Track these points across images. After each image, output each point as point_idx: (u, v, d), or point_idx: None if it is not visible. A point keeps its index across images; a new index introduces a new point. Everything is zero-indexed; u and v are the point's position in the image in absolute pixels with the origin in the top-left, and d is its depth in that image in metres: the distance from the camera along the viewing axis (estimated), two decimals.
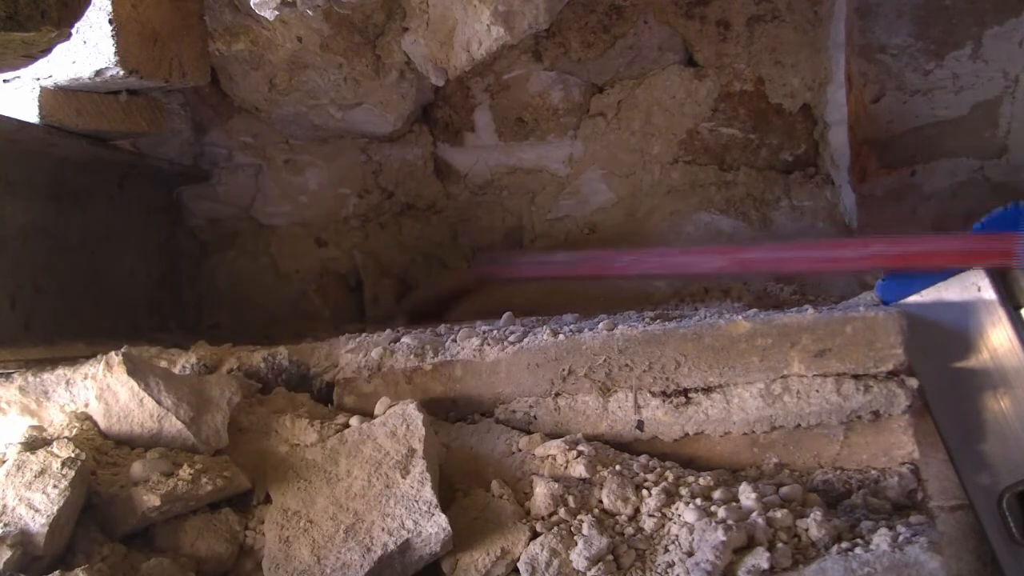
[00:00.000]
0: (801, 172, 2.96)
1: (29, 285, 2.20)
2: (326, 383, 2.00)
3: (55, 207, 2.33)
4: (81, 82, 2.28)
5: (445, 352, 1.94)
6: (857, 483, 1.76)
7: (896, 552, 1.50)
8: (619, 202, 3.02)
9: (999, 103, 2.76)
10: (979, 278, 1.90)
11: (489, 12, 2.35)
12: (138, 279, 2.71)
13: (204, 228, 3.05)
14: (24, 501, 1.55)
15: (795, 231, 2.85)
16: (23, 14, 1.47)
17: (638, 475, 1.72)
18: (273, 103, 2.80)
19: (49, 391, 1.95)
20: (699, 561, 1.49)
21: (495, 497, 1.69)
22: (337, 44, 2.63)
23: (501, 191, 3.07)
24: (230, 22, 2.59)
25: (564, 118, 3.00)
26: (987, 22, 2.70)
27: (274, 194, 3.03)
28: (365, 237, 3.06)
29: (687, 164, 2.99)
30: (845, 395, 1.78)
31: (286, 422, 1.85)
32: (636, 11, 2.90)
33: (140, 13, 2.28)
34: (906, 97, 2.75)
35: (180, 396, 1.77)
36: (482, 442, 1.84)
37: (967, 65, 2.74)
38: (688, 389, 1.84)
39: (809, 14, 2.87)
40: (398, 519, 1.59)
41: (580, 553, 1.54)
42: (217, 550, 1.63)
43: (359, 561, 1.55)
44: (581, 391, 1.87)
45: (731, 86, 2.93)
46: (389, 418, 1.77)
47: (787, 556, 1.52)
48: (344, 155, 3.03)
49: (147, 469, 1.65)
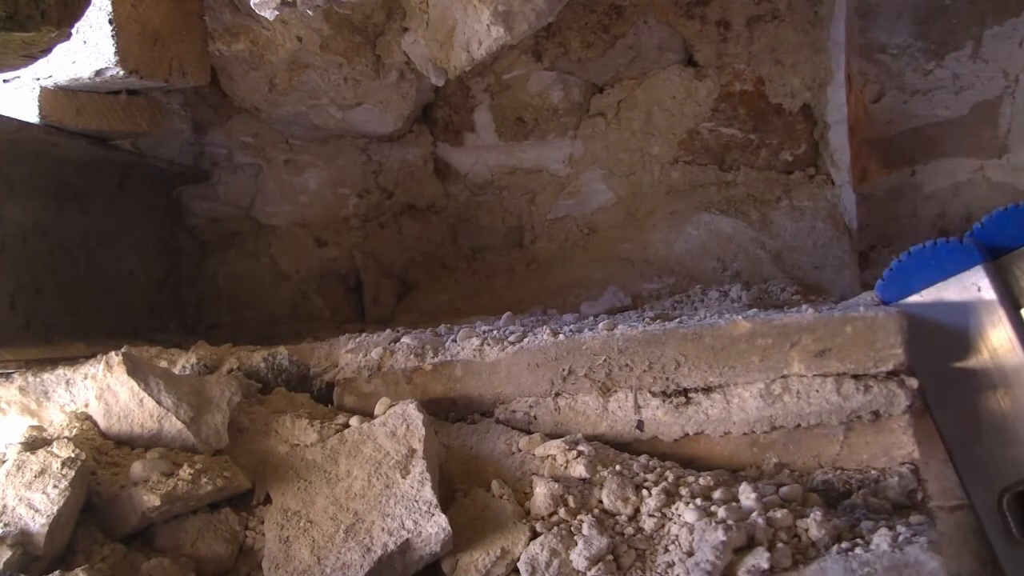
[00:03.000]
0: (801, 172, 2.96)
1: (29, 285, 2.19)
2: (326, 383, 2.00)
3: (55, 207, 2.33)
4: (81, 82, 2.28)
5: (445, 352, 1.94)
6: (857, 483, 1.76)
7: (896, 552, 1.50)
8: (619, 202, 3.02)
9: (999, 103, 2.76)
10: (979, 278, 1.90)
11: (489, 12, 2.35)
12: (138, 279, 2.71)
13: (204, 228, 3.05)
14: (24, 501, 1.55)
15: (795, 231, 2.85)
16: (23, 14, 1.47)
17: (638, 475, 1.72)
18: (273, 103, 2.80)
19: (49, 391, 1.95)
20: (699, 561, 1.49)
21: (495, 497, 1.69)
22: (337, 44, 2.63)
23: (501, 191, 3.07)
24: (230, 22, 2.59)
25: (564, 118, 3.00)
26: (987, 22, 2.71)
27: (274, 194, 3.04)
28: (365, 237, 3.06)
29: (687, 164, 2.99)
30: (845, 395, 1.78)
31: (286, 422, 1.85)
32: (636, 11, 2.90)
33: (140, 13, 2.28)
34: (906, 97, 2.76)
35: (180, 396, 1.77)
36: (482, 442, 1.84)
37: (967, 65, 2.74)
38: (688, 389, 1.84)
39: (809, 14, 2.87)
40: (398, 519, 1.59)
41: (580, 553, 1.54)
42: (217, 550, 1.63)
43: (359, 561, 1.55)
44: (581, 391, 1.87)
45: (731, 86, 2.94)
46: (389, 418, 1.77)
47: (787, 556, 1.52)
48: (344, 155, 3.03)
49: (147, 469, 1.65)
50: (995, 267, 1.91)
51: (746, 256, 2.81)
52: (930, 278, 1.94)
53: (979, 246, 1.92)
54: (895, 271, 1.97)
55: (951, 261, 1.92)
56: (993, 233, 1.95)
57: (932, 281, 1.94)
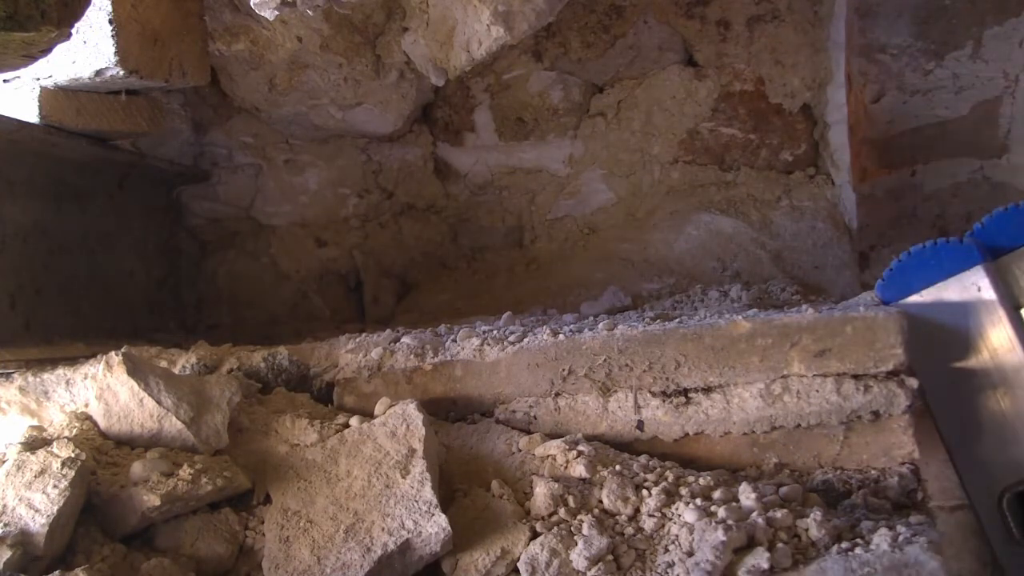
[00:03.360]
0: (801, 172, 2.96)
1: (29, 285, 2.19)
2: (326, 383, 2.00)
3: (55, 207, 2.33)
4: (81, 82, 2.28)
5: (445, 352, 1.94)
6: (857, 483, 1.76)
7: (896, 552, 1.50)
8: (619, 202, 3.02)
9: (999, 103, 2.76)
10: (979, 278, 1.90)
11: (489, 12, 2.35)
12: (138, 279, 2.71)
13: (204, 228, 3.05)
14: (24, 501, 1.55)
15: (795, 231, 2.85)
16: (23, 14, 1.47)
17: (638, 475, 1.72)
18: (273, 103, 2.80)
19: (49, 391, 1.95)
20: (699, 561, 1.49)
21: (495, 497, 1.69)
22: (337, 44, 2.63)
23: (501, 191, 3.07)
24: (230, 22, 2.59)
25: (564, 118, 3.00)
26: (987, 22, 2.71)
27: (274, 194, 3.04)
28: (365, 237, 3.06)
29: (687, 164, 2.99)
30: (845, 395, 1.78)
31: (286, 422, 1.85)
32: (636, 11, 2.90)
33: (140, 13, 2.28)
34: (906, 97, 2.76)
35: (180, 396, 1.77)
36: (482, 442, 1.84)
37: (967, 65, 2.74)
38: (688, 389, 1.84)
39: (809, 14, 2.87)
40: (398, 519, 1.59)
41: (580, 553, 1.54)
42: (217, 550, 1.63)
43: (359, 561, 1.55)
44: (581, 391, 1.86)
45: (731, 86, 2.94)
46: (389, 418, 1.77)
47: (787, 556, 1.52)
48: (344, 155, 3.03)
49: (147, 469, 1.65)
50: (995, 267, 1.91)
51: (746, 256, 2.81)
52: (930, 278, 1.94)
53: (979, 246, 1.92)
54: (895, 271, 1.97)
55: (951, 261, 1.92)
56: (993, 233, 1.95)
57: (932, 281, 1.93)
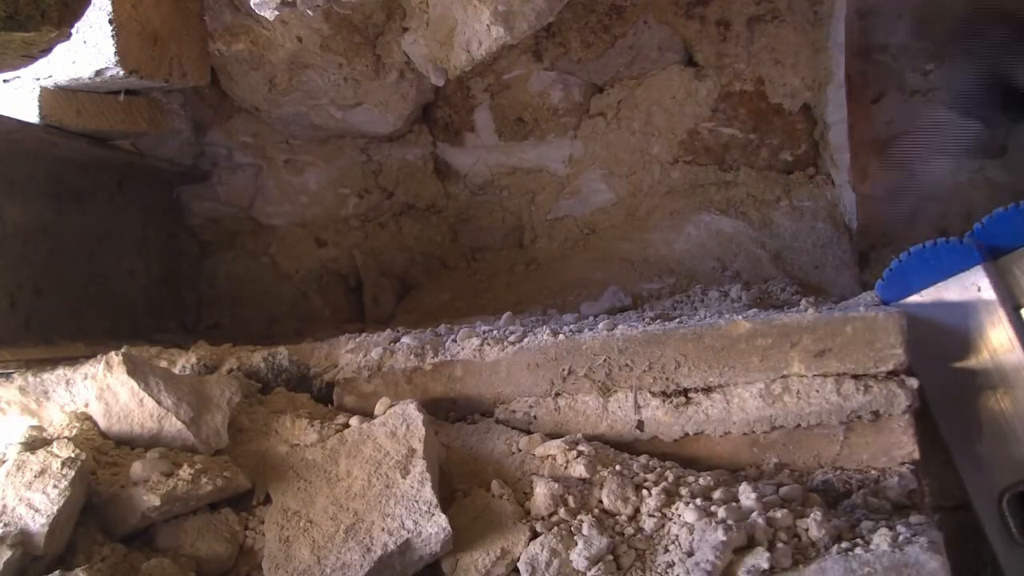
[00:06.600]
0: (801, 172, 2.96)
1: (29, 285, 2.19)
2: (326, 383, 2.00)
3: (55, 207, 2.33)
4: (81, 82, 2.28)
5: (445, 352, 1.94)
6: (857, 483, 1.76)
7: (896, 552, 1.50)
8: (619, 202, 3.02)
9: None
10: (979, 278, 1.90)
11: (489, 12, 2.35)
12: (138, 279, 2.71)
13: (204, 228, 3.04)
14: (24, 501, 1.55)
15: (795, 231, 2.85)
16: (23, 14, 1.47)
17: (638, 475, 1.72)
18: (273, 103, 2.80)
19: (49, 391, 1.95)
20: (699, 561, 1.49)
21: (495, 497, 1.69)
22: (337, 44, 2.63)
23: (501, 191, 3.07)
24: (230, 22, 2.59)
25: (564, 118, 3.00)
26: None
27: (274, 194, 3.03)
28: (365, 237, 3.06)
29: (687, 164, 2.99)
30: (845, 395, 1.78)
31: (286, 422, 1.85)
32: (636, 11, 2.90)
33: (140, 13, 2.28)
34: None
35: (180, 396, 1.77)
36: (482, 442, 1.84)
37: None
38: (688, 389, 1.84)
39: (809, 14, 2.87)
40: (398, 519, 1.59)
41: (580, 553, 1.54)
42: (217, 550, 1.63)
43: (359, 561, 1.55)
44: (581, 391, 1.87)
45: (731, 86, 2.93)
46: (389, 418, 1.77)
47: (787, 556, 1.52)
48: (344, 155, 3.03)
49: (147, 469, 1.65)
50: (995, 267, 1.92)
51: (746, 256, 2.81)
52: (930, 278, 1.94)
53: (979, 246, 1.92)
54: (895, 271, 1.97)
55: (951, 261, 1.92)
56: (993, 233, 1.95)
57: (932, 281, 1.94)
